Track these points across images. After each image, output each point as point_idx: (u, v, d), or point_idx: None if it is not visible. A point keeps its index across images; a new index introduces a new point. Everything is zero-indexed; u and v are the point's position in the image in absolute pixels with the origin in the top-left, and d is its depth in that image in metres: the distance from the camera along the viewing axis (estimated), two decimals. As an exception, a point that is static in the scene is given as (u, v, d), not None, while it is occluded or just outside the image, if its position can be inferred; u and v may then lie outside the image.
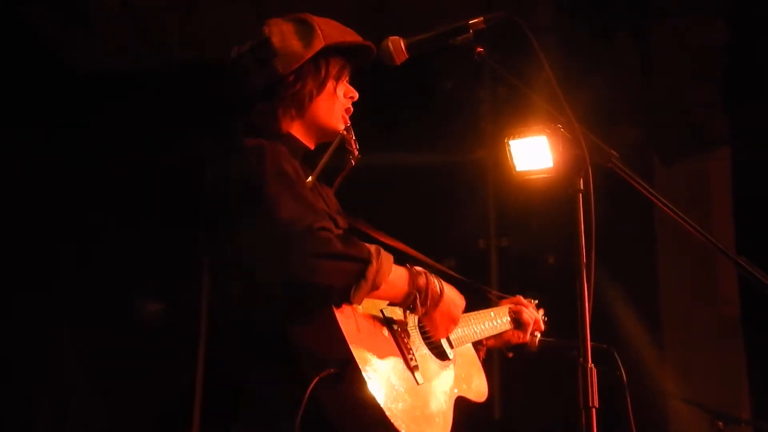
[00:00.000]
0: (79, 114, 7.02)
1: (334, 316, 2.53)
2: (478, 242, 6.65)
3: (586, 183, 2.48)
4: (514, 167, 3.26)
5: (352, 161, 2.99)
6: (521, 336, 3.56)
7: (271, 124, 2.85)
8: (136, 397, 6.60)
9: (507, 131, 3.22)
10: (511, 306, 3.57)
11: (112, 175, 6.88)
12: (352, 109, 3.01)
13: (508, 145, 3.25)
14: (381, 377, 2.58)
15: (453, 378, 2.98)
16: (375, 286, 2.56)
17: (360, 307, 2.65)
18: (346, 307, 2.58)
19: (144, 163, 6.80)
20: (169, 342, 6.75)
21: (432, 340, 2.93)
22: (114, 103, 6.95)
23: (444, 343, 2.98)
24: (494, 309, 3.49)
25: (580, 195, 2.48)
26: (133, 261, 6.71)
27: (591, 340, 2.39)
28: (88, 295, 6.87)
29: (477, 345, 3.38)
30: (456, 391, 2.97)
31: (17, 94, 6.66)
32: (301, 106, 2.88)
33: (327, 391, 2.49)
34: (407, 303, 2.73)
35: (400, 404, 2.60)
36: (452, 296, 2.88)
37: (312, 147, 2.95)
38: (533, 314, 3.58)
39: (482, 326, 3.33)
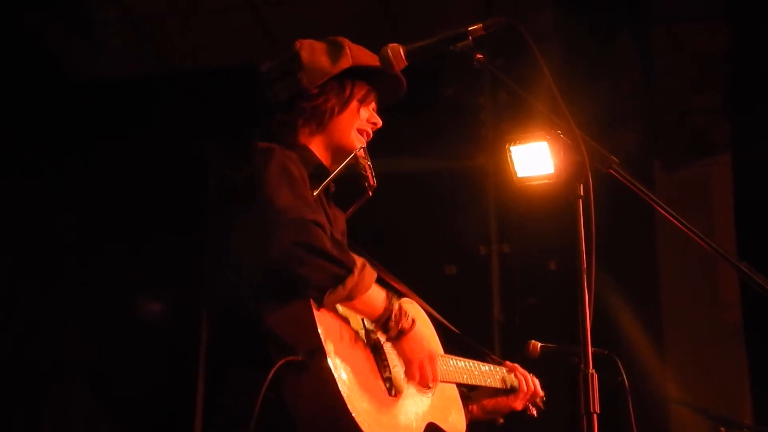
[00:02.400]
0: (81, 121, 7.03)
1: (311, 305, 2.52)
2: (479, 248, 6.63)
3: (586, 189, 2.48)
4: (515, 173, 3.26)
5: (369, 192, 2.99)
6: (512, 402, 3.47)
7: (288, 134, 2.88)
8: (138, 399, 6.61)
9: (508, 137, 3.22)
10: (508, 369, 3.48)
11: (115, 181, 6.89)
12: (371, 135, 3.03)
13: (509, 151, 3.25)
14: (349, 373, 2.56)
15: (429, 404, 2.95)
16: (350, 297, 2.56)
17: (341, 309, 2.64)
18: (325, 308, 2.58)
19: (145, 169, 6.81)
20: (172, 342, 6.76)
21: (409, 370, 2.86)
22: (116, 110, 6.96)
23: (417, 377, 2.88)
24: (489, 364, 3.41)
25: (581, 201, 2.48)
26: (136, 263, 6.72)
27: (592, 346, 2.39)
28: (90, 297, 6.88)
29: (464, 402, 3.31)
30: (429, 417, 2.93)
31: (19, 102, 6.68)
32: (321, 122, 2.91)
33: (290, 379, 2.49)
34: (380, 322, 2.70)
35: (365, 404, 2.58)
36: (425, 332, 2.86)
37: (327, 164, 2.96)
38: (531, 383, 3.49)
39: (472, 371, 3.25)
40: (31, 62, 6.89)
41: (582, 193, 2.48)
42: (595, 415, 2.34)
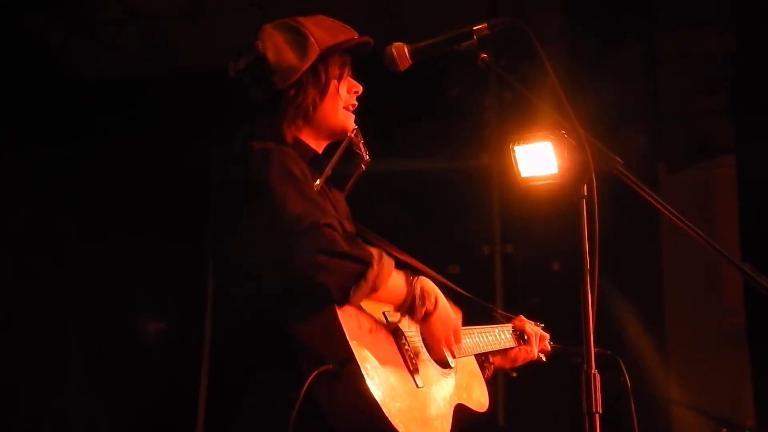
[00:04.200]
0: (84, 121, 7.03)
1: (336, 313, 2.53)
2: (483, 248, 6.63)
3: (590, 189, 2.48)
4: (519, 173, 3.26)
5: (363, 166, 3.00)
6: (528, 352, 3.55)
7: (277, 133, 2.85)
8: (138, 400, 6.61)
9: (512, 137, 3.22)
10: (515, 322, 3.57)
11: (118, 182, 6.89)
12: (356, 103, 3.02)
13: (513, 150, 3.24)
14: (380, 376, 2.58)
15: (453, 386, 2.97)
16: (374, 289, 2.57)
17: (362, 307, 2.65)
18: (348, 307, 2.58)
19: (150, 170, 6.81)
20: (173, 342, 6.76)
21: (434, 348, 2.92)
22: (119, 111, 6.96)
23: (445, 351, 2.98)
24: (497, 326, 3.49)
25: (585, 201, 2.48)
26: (137, 263, 6.72)
27: (595, 347, 2.39)
28: (90, 297, 6.88)
29: (483, 363, 3.37)
30: (456, 398, 2.96)
31: (22, 102, 6.68)
32: (306, 115, 2.89)
33: (324, 388, 2.50)
34: (404, 307, 2.73)
35: (398, 404, 2.59)
36: (447, 306, 2.88)
37: (320, 150, 2.96)
38: (536, 328, 3.59)
39: (485, 339, 3.32)
40: (33, 61, 6.88)
41: (586, 193, 2.48)
42: (597, 415, 2.35)
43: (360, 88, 3.02)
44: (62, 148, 7.01)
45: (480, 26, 2.67)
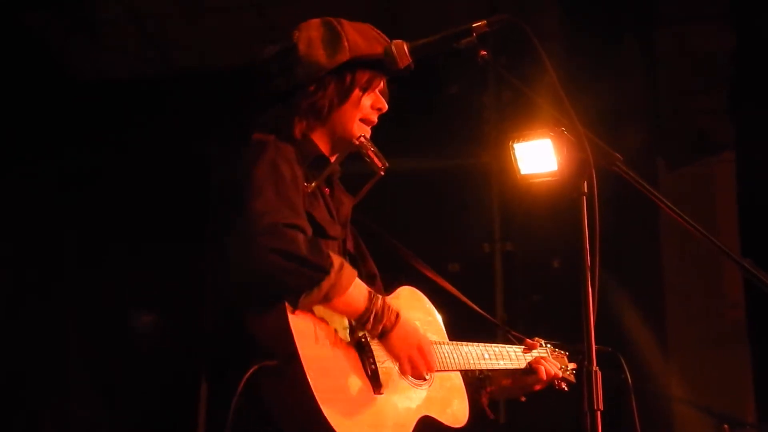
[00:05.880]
0: (84, 121, 7.03)
1: (286, 312, 2.53)
2: (483, 246, 6.63)
3: (590, 186, 2.48)
4: (519, 171, 3.26)
5: (380, 172, 2.94)
6: (532, 384, 3.39)
7: (287, 126, 2.84)
8: (138, 400, 6.61)
9: (511, 134, 3.22)
10: (525, 349, 3.40)
11: (118, 182, 6.89)
12: (376, 121, 2.99)
13: (513, 148, 3.24)
14: (324, 376, 2.57)
15: (423, 397, 2.93)
16: (327, 299, 2.56)
17: (320, 310, 2.64)
18: (303, 311, 2.58)
19: (150, 170, 6.81)
20: (173, 342, 6.75)
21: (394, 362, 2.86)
22: (119, 111, 6.96)
23: (408, 369, 2.88)
24: (504, 345, 3.35)
25: (585, 198, 2.48)
26: (137, 263, 6.72)
27: (596, 344, 2.39)
28: (90, 297, 6.88)
29: (479, 388, 3.29)
30: (423, 410, 2.91)
31: (20, 101, 6.68)
32: (319, 115, 2.87)
33: (269, 386, 2.53)
34: (361, 321, 2.70)
35: (340, 404, 2.59)
36: (414, 327, 2.84)
37: (328, 154, 2.94)
38: (552, 369, 3.39)
39: (478, 354, 3.19)
40: (34, 61, 6.87)
41: (586, 190, 2.48)
42: (598, 413, 2.35)
43: (385, 107, 3.00)
44: (62, 148, 7.00)
45: (479, 23, 2.67)
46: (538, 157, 3.18)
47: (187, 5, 6.72)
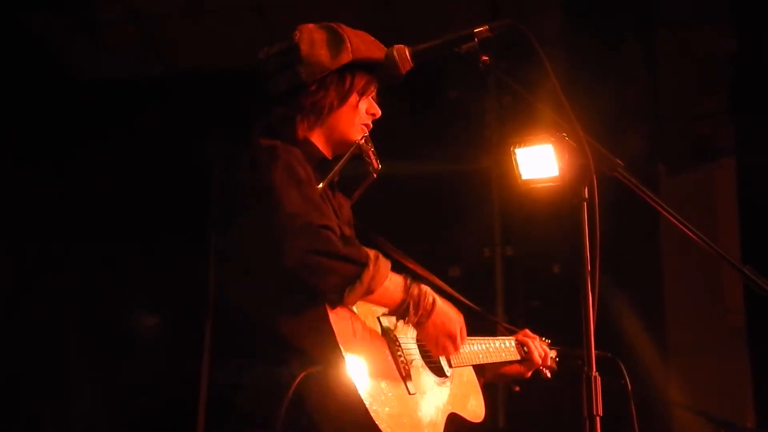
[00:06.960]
0: (84, 121, 7.03)
1: (327, 314, 2.54)
2: (483, 251, 6.64)
3: (591, 192, 2.48)
4: (520, 176, 3.25)
5: (374, 174, 2.97)
6: (529, 367, 3.54)
7: (288, 128, 2.86)
8: (138, 400, 6.61)
9: (512, 140, 3.22)
10: (518, 336, 3.54)
11: (118, 182, 6.88)
12: (371, 125, 3.01)
13: (514, 153, 3.23)
14: (370, 380, 2.58)
15: (448, 394, 2.97)
16: (369, 291, 2.57)
17: (356, 310, 2.66)
18: (340, 309, 2.59)
19: (150, 170, 6.80)
20: (173, 342, 6.75)
21: (430, 355, 2.92)
22: (119, 111, 6.96)
23: (442, 360, 2.98)
24: (499, 338, 3.46)
25: (586, 204, 2.48)
26: (137, 263, 6.72)
27: (595, 349, 2.39)
28: (90, 297, 6.88)
29: (478, 374, 3.34)
30: (450, 407, 2.95)
31: (22, 102, 6.68)
32: (320, 115, 2.88)
33: (313, 389, 2.51)
34: (399, 311, 2.72)
35: (387, 408, 2.59)
36: (446, 310, 2.85)
37: (329, 156, 2.96)
38: (541, 350, 3.54)
39: (484, 351, 3.29)
40: (34, 62, 6.88)
41: (586, 196, 2.48)
42: (598, 418, 2.35)
43: (378, 113, 3.01)
44: (62, 148, 7.00)
45: (481, 28, 2.67)
46: (539, 162, 3.17)
47: (187, 5, 6.71)
